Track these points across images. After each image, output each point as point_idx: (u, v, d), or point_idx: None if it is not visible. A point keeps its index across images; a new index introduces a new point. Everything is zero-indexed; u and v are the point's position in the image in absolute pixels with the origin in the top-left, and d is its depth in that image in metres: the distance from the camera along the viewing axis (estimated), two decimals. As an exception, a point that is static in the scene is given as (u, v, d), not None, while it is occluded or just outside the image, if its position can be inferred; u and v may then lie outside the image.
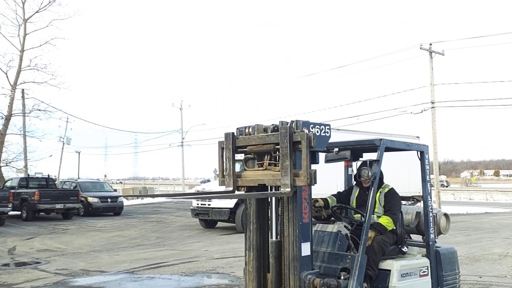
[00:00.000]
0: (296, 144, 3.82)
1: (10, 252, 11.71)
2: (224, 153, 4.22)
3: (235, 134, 4.47)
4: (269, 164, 4.05)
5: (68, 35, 49.62)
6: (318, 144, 4.06)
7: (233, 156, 4.17)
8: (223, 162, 4.23)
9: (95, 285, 7.98)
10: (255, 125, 4.34)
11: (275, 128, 4.18)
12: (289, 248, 3.94)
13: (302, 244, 3.91)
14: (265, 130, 4.21)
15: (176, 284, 8.07)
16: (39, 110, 29.12)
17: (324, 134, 4.12)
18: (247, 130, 4.34)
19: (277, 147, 3.93)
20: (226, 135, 4.22)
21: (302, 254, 3.92)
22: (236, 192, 4.28)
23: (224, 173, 4.20)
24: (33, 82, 28.55)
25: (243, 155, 4.38)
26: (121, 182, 78.16)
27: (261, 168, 4.12)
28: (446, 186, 64.72)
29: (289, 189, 3.76)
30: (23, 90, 29.62)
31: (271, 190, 4.07)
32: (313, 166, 4.13)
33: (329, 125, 4.18)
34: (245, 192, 4.22)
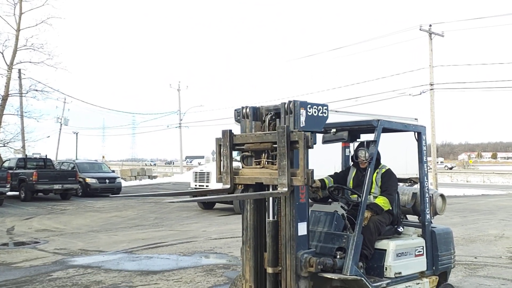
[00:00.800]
0: (293, 144, 3.85)
1: (8, 232, 11.77)
2: (221, 150, 4.26)
3: (234, 115, 4.48)
4: (267, 163, 4.11)
5: (64, 14, 49.06)
6: (315, 124, 4.07)
7: (231, 154, 4.21)
8: (220, 159, 4.27)
9: (94, 264, 8.05)
10: (251, 107, 4.34)
11: (273, 118, 4.21)
12: (285, 228, 3.97)
13: (298, 224, 3.94)
14: (262, 126, 4.23)
15: (174, 264, 8.14)
16: (36, 90, 28.94)
17: (321, 115, 4.11)
18: (244, 111, 4.35)
19: (274, 145, 3.96)
20: (224, 132, 4.25)
21: (299, 234, 3.96)
22: (233, 190, 4.32)
23: (222, 170, 4.24)
24: (30, 62, 28.28)
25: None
26: (155, 164, 75.78)
27: (258, 166, 4.17)
28: (450, 168, 65.17)
29: (286, 189, 3.80)
30: (19, 70, 29.42)
31: (268, 188, 4.11)
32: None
33: (326, 105, 4.16)
34: (242, 189, 4.28)
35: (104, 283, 6.80)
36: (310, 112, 4.02)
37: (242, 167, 4.29)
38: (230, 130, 4.24)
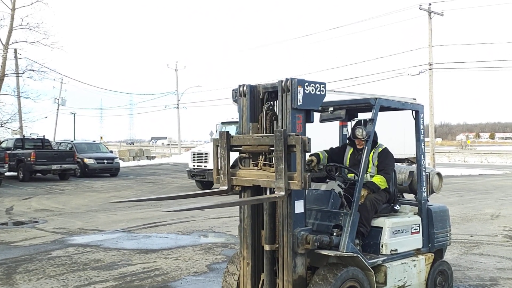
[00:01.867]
0: (290, 147, 3.86)
1: (7, 212, 11.82)
2: (219, 151, 4.29)
3: (232, 95, 4.48)
4: (264, 165, 4.13)
5: (60, -7, 48.17)
6: (312, 102, 4.06)
7: (228, 155, 4.24)
8: (217, 160, 4.30)
9: (93, 243, 8.10)
10: (248, 85, 4.32)
11: (270, 108, 4.22)
12: (282, 206, 3.99)
13: (295, 202, 3.96)
14: (259, 127, 4.23)
15: (173, 243, 8.20)
16: (33, 70, 28.67)
17: (319, 93, 4.10)
18: (241, 89, 4.34)
19: (271, 148, 3.98)
20: (221, 133, 4.28)
21: (296, 212, 3.98)
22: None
23: (219, 172, 4.29)
24: (26, 41, 27.97)
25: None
26: (168, 144, 74.43)
27: (255, 168, 4.19)
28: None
29: (283, 193, 3.82)
30: (15, 50, 29.18)
31: (265, 191, 4.14)
32: (308, 126, 4.15)
33: (324, 83, 4.13)
34: (239, 190, 4.33)
35: (103, 261, 6.85)
36: (307, 90, 3.99)
37: (239, 168, 4.32)
38: (228, 132, 4.29)
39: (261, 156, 4.17)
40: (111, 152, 26.63)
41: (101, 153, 24.05)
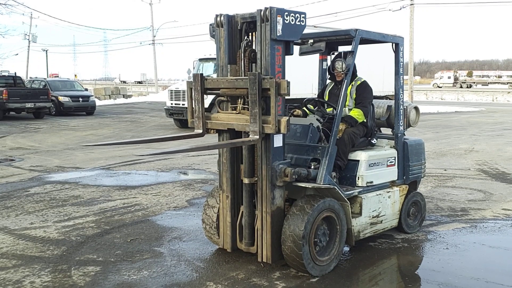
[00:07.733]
0: (265, 91, 3.79)
1: (-18, 151, 11.62)
2: (193, 94, 4.20)
3: (209, 30, 4.36)
4: (243, 108, 4.07)
5: None
6: (292, 33, 3.97)
7: (202, 98, 4.16)
8: (192, 103, 4.22)
9: (71, 180, 8.07)
10: (226, 15, 4.17)
11: (249, 44, 4.11)
12: (262, 140, 3.97)
13: (274, 136, 3.95)
14: (238, 70, 4.10)
15: (152, 179, 8.23)
16: (-1, 4, 27.33)
17: (299, 23, 4.00)
18: (218, 19, 4.20)
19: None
20: (195, 76, 4.18)
21: (275, 145, 3.99)
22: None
23: (194, 115, 4.21)
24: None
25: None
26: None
27: (234, 112, 4.14)
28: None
29: (257, 137, 3.79)
30: (-21, -19, 27.55)
31: (243, 134, 4.10)
32: (287, 58, 4.06)
33: (304, 13, 4.02)
34: (214, 134, 4.29)
35: (82, 197, 6.86)
36: (287, 20, 3.89)
37: (218, 112, 4.26)
38: (201, 74, 4.19)
39: (239, 100, 4.11)
40: (86, 90, 26.00)
41: (76, 91, 23.48)
